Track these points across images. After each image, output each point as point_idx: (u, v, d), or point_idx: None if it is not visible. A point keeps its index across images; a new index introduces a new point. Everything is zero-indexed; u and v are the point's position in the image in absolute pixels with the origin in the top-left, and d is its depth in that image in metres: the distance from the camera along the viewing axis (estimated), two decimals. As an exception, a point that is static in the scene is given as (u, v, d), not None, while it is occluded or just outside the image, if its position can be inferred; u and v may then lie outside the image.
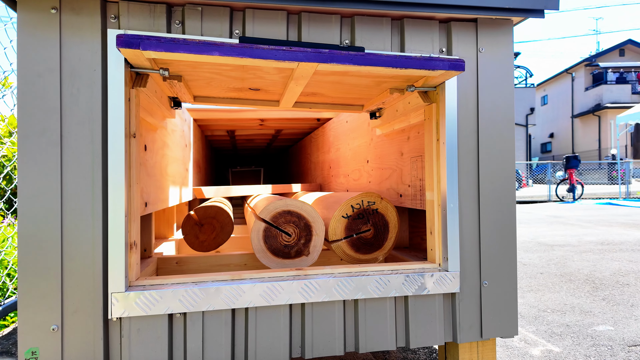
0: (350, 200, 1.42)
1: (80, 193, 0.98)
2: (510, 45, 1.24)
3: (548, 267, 2.98)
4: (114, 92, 0.99)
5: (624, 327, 1.78)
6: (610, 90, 22.63)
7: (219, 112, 2.61)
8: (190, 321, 1.03)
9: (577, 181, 10.21)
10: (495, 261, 1.23)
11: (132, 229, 1.05)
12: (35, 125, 0.96)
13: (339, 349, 1.12)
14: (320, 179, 3.08)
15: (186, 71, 1.15)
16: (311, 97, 1.48)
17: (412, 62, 1.04)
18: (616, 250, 3.58)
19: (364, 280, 1.13)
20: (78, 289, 0.97)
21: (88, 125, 0.98)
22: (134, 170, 1.06)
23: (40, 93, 0.96)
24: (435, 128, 1.23)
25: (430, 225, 1.28)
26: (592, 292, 2.33)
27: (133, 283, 1.04)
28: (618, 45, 24.13)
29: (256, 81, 1.25)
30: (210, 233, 1.78)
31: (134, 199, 1.07)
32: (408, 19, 1.19)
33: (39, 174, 0.96)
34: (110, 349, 1.00)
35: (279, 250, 1.35)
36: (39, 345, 0.95)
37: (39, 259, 0.95)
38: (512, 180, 1.25)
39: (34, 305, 0.95)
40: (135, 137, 1.06)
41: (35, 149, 0.96)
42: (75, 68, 0.98)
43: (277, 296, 1.07)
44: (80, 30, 0.98)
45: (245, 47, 0.96)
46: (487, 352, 1.26)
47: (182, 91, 1.32)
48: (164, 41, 0.92)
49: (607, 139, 21.78)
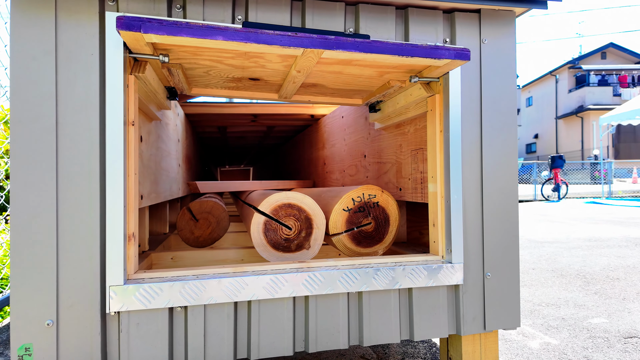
0: (351, 193, 1.40)
1: (76, 182, 0.94)
2: (513, 37, 1.24)
3: (539, 262, 3.02)
4: (112, 77, 0.95)
5: (618, 319, 1.80)
6: (593, 92, 23.14)
7: (211, 107, 2.57)
8: (191, 315, 1.00)
9: (562, 181, 10.40)
10: (498, 252, 1.22)
11: (130, 220, 1.01)
12: (29, 110, 0.92)
13: (343, 342, 1.10)
14: (314, 176, 3.06)
15: (186, 58, 1.12)
16: (311, 88, 1.46)
17: (418, 51, 1.03)
18: (604, 246, 3.65)
19: (368, 272, 1.11)
20: (74, 282, 0.93)
21: (85, 112, 0.94)
22: (132, 159, 1.02)
23: (34, 77, 0.92)
24: (439, 119, 1.22)
25: (433, 218, 1.27)
26: (584, 286, 2.36)
27: (131, 276, 1.01)
28: (600, 48, 24.69)
29: (257, 70, 1.22)
30: (205, 228, 1.74)
31: (132, 189, 1.03)
32: (412, 8, 1.18)
33: (33, 162, 0.92)
34: (108, 344, 0.96)
35: (279, 243, 1.32)
36: (32, 341, 0.91)
37: (32, 251, 0.91)
38: (514, 172, 1.24)
39: (27, 299, 0.91)
40: (134, 125, 1.02)
41: (29, 136, 0.91)
42: (71, 52, 0.94)
43: (281, 289, 1.04)
44: (77, 13, 0.94)
45: (250, 31, 0.93)
46: (490, 344, 1.26)
47: (180, 80, 1.28)
48: (166, 24, 0.89)
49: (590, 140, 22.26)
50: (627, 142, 22.72)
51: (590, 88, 23.17)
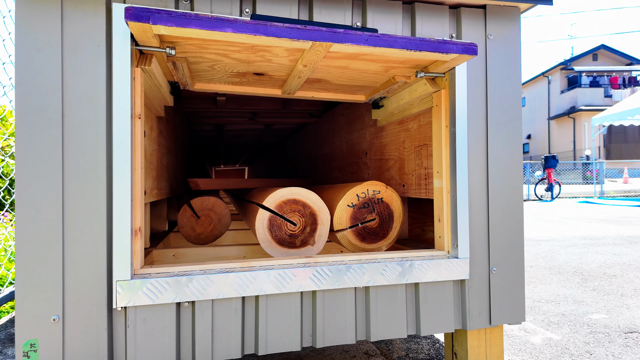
0: (356, 189, 1.40)
1: (83, 175, 0.92)
2: (518, 33, 1.24)
3: (536, 260, 3.04)
4: (119, 69, 0.94)
5: (618, 315, 1.82)
6: (584, 93, 23.39)
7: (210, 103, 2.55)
8: (199, 310, 0.99)
9: (555, 180, 10.49)
10: (503, 247, 1.23)
11: (136, 215, 1.00)
12: (35, 102, 0.90)
13: (351, 337, 1.10)
14: (313, 175, 3.06)
15: (192, 52, 1.10)
16: (315, 84, 1.45)
17: (426, 45, 1.03)
18: (599, 244, 3.68)
19: (375, 267, 1.11)
20: (80, 277, 0.92)
21: (91, 104, 0.93)
22: (138, 153, 1.01)
23: (39, 68, 0.90)
24: (445, 114, 1.22)
25: (438, 213, 1.27)
26: (581, 283, 2.38)
27: (138, 271, 0.99)
28: (592, 50, 24.96)
29: (263, 65, 1.22)
30: (207, 225, 1.73)
31: (138, 183, 1.02)
32: (419, 4, 1.18)
33: (38, 154, 0.90)
34: (115, 340, 0.95)
35: (283, 239, 1.31)
36: (38, 337, 0.89)
37: (37, 245, 0.90)
38: (519, 167, 1.25)
39: (33, 294, 0.89)
40: (140, 118, 1.01)
41: (34, 128, 0.90)
42: (77, 43, 0.92)
43: (289, 283, 1.04)
44: (83, 4, 0.93)
45: (259, 24, 0.92)
46: (495, 339, 1.26)
47: (185, 74, 1.27)
48: (175, 15, 0.88)
49: (582, 140, 22.50)
50: (618, 143, 23.00)
51: (582, 89, 23.42)
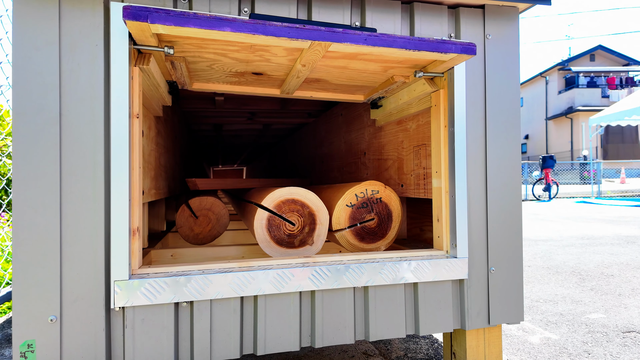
0: (355, 189, 1.39)
1: (80, 175, 0.92)
2: (516, 33, 1.24)
3: (534, 260, 3.04)
4: (117, 68, 0.93)
5: (615, 315, 1.82)
6: (582, 93, 23.46)
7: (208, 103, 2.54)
8: (197, 310, 0.99)
9: (552, 181, 10.51)
10: (502, 247, 1.23)
11: (134, 214, 0.99)
12: (32, 102, 0.90)
13: (350, 337, 1.10)
14: (312, 175, 3.05)
15: (190, 51, 1.10)
16: (314, 84, 1.45)
17: (424, 45, 1.03)
18: (597, 244, 3.69)
19: (373, 267, 1.11)
20: (78, 277, 0.91)
21: (89, 103, 0.93)
22: (136, 152, 1.01)
23: (37, 68, 0.90)
24: (444, 114, 1.22)
25: (437, 213, 1.27)
26: (579, 282, 2.39)
27: (136, 271, 0.99)
28: (589, 50, 25.04)
29: (261, 64, 1.21)
30: (205, 225, 1.73)
31: (136, 183, 1.01)
32: (418, 3, 1.18)
33: (36, 154, 0.90)
34: (113, 340, 0.94)
35: (282, 239, 1.31)
36: (35, 337, 0.89)
37: (35, 245, 0.89)
38: (518, 167, 1.25)
39: (30, 294, 0.89)
40: (138, 117, 1.01)
41: (32, 128, 0.90)
42: (75, 42, 0.92)
43: (287, 283, 1.04)
44: (81, 3, 0.92)
45: (258, 23, 0.92)
46: (494, 338, 1.26)
47: (183, 74, 1.27)
48: (173, 15, 0.88)
49: (579, 141, 22.57)
50: (615, 143, 23.09)
51: (579, 89, 23.50)
